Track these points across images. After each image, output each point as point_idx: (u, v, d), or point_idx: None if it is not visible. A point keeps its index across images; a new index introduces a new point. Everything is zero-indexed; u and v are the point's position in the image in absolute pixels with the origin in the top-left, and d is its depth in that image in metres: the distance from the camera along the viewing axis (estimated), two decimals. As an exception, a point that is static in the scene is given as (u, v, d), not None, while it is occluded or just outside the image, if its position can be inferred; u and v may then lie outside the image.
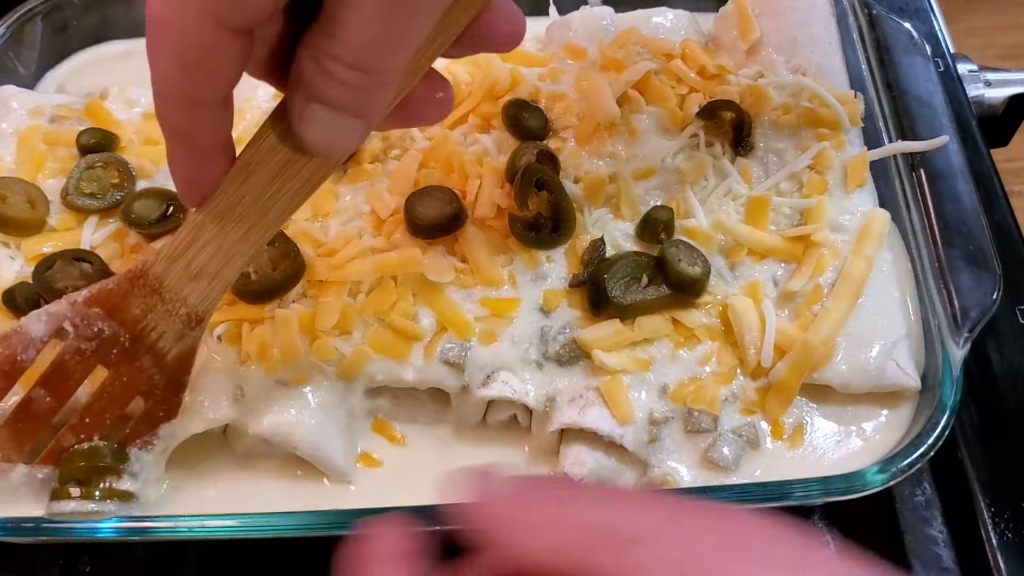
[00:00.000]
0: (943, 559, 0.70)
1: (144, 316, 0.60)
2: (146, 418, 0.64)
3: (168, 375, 0.63)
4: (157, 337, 0.61)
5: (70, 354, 0.61)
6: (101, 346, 0.61)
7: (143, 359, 0.62)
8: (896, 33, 0.85)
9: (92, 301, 0.60)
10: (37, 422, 0.63)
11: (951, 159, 0.76)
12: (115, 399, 0.63)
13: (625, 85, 0.79)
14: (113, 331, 0.60)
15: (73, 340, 0.60)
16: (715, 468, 0.66)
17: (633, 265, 0.69)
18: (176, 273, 0.58)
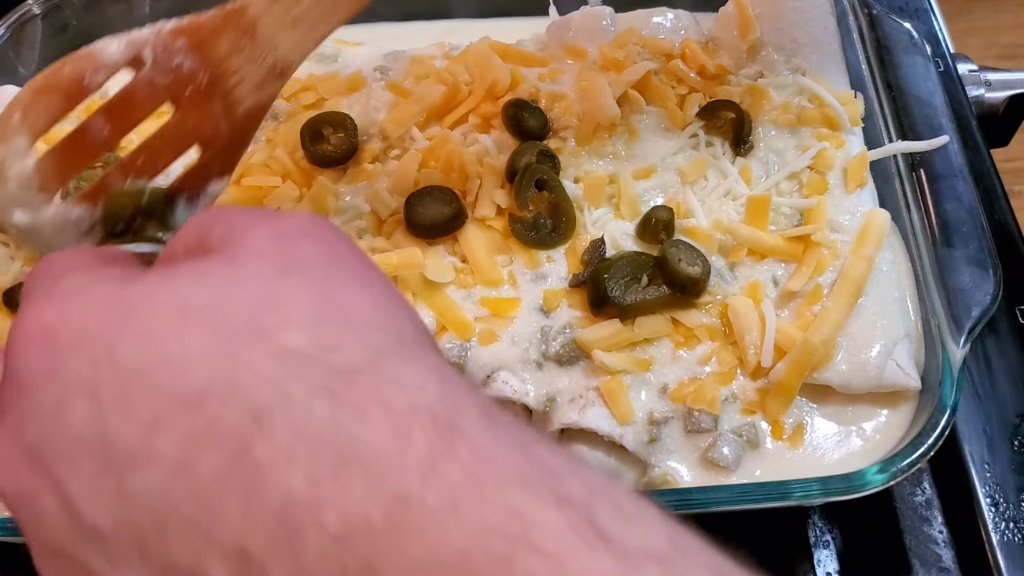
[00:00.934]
0: (943, 559, 0.70)
1: (229, 56, 0.56)
2: (200, 169, 0.60)
3: (235, 128, 0.59)
4: (236, 83, 0.57)
5: (142, 85, 0.56)
6: (176, 82, 0.56)
7: (215, 104, 0.58)
8: (896, 33, 0.85)
9: (179, 32, 0.56)
10: (88, 153, 0.57)
11: (951, 159, 0.76)
12: (175, 142, 0.58)
13: (625, 85, 0.79)
14: (192, 67, 0.56)
15: (148, 70, 0.56)
16: (715, 468, 0.66)
17: (633, 265, 0.69)
18: (275, 16, 0.56)
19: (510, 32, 0.89)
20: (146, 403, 0.32)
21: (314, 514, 0.30)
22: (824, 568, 0.70)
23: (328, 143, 0.77)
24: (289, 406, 0.31)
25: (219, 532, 0.31)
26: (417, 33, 0.94)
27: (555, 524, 0.29)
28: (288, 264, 0.36)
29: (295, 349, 0.33)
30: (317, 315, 0.34)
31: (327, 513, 0.30)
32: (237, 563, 0.30)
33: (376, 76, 0.85)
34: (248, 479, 0.31)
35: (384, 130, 0.79)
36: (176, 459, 0.31)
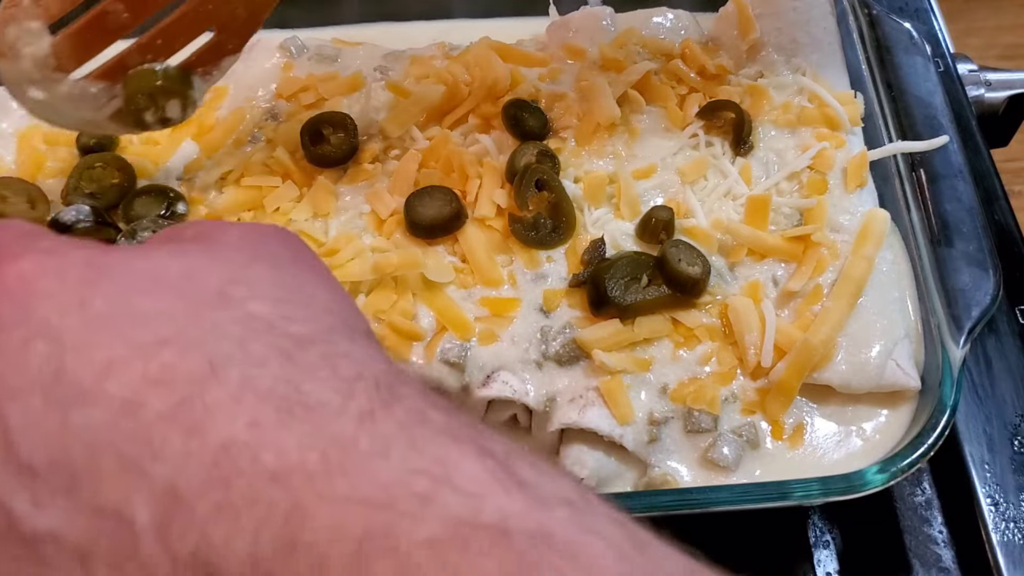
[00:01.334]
0: (943, 559, 0.70)
1: None
2: (215, 48, 0.62)
3: (252, 11, 0.61)
4: None
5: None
6: None
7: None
8: (896, 33, 0.85)
9: None
10: (105, 36, 0.59)
11: (951, 159, 0.76)
12: (193, 25, 0.60)
13: (625, 85, 0.80)
14: None
15: None
16: (715, 468, 0.66)
17: (633, 265, 0.69)
18: None
19: (510, 32, 0.89)
20: (105, 348, 0.34)
21: (253, 453, 0.31)
22: (824, 568, 0.70)
23: (328, 143, 0.77)
24: (245, 359, 0.33)
25: (154, 470, 0.32)
26: (417, 33, 0.94)
27: (476, 470, 0.32)
28: (257, 255, 0.39)
29: (259, 316, 0.36)
30: (280, 294, 0.37)
31: (265, 453, 0.31)
32: (164, 502, 0.31)
33: (376, 76, 0.85)
34: (193, 420, 0.32)
35: (384, 130, 0.79)
36: (125, 399, 0.33)
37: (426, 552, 0.29)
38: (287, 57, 0.87)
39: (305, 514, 0.30)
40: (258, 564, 0.30)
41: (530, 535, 0.30)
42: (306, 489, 0.31)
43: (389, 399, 0.34)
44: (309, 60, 0.87)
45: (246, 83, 0.85)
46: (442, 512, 0.30)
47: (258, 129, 0.82)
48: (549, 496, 0.32)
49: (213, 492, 0.31)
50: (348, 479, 0.31)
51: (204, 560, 0.31)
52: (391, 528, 0.30)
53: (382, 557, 0.29)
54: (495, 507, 0.31)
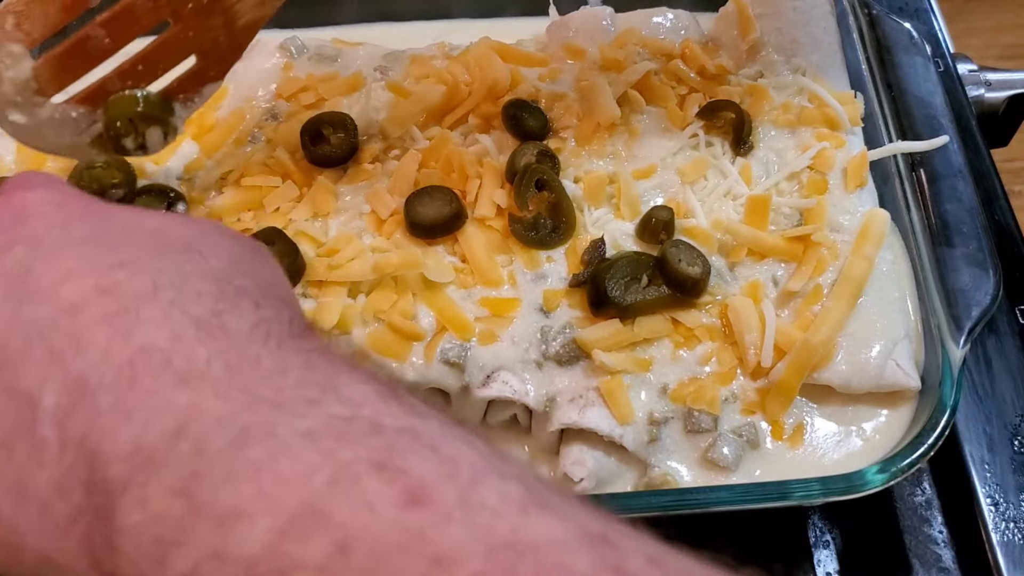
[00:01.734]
0: (943, 559, 0.70)
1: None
2: (196, 75, 0.62)
3: (233, 39, 0.61)
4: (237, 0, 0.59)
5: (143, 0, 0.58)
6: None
7: (215, 19, 0.59)
8: (896, 33, 0.85)
9: None
10: (87, 61, 0.59)
11: (951, 159, 0.76)
12: (174, 52, 0.60)
13: (625, 85, 0.80)
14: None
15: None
16: (715, 468, 0.66)
17: (633, 265, 0.69)
18: None
19: (510, 32, 0.89)
20: (71, 260, 0.39)
21: (166, 358, 0.35)
22: (824, 568, 0.70)
23: (328, 143, 0.77)
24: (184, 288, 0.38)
25: (72, 363, 0.35)
26: (417, 33, 0.94)
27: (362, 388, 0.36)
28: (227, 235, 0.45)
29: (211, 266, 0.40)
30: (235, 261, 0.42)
31: (177, 359, 0.35)
32: (72, 391, 0.35)
33: (376, 76, 0.85)
34: (123, 326, 0.36)
35: (384, 130, 0.79)
36: (72, 301, 0.37)
37: (302, 439, 0.32)
38: (287, 57, 0.87)
39: (198, 410, 0.33)
40: (140, 449, 0.33)
41: (399, 430, 0.33)
42: (205, 391, 0.34)
43: (297, 334, 0.38)
44: (309, 60, 0.87)
45: (246, 83, 0.85)
46: (324, 411, 0.34)
47: (258, 129, 0.82)
48: (422, 411, 0.35)
49: (118, 387, 0.34)
50: (245, 384, 0.34)
51: (89, 446, 0.34)
52: (274, 421, 0.33)
53: (259, 442, 0.32)
54: (372, 409, 0.34)
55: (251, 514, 0.31)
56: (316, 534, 0.30)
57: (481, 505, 0.31)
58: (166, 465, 0.32)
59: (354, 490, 0.31)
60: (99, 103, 0.61)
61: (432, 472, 0.31)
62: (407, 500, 0.30)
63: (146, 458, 0.33)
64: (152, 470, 0.32)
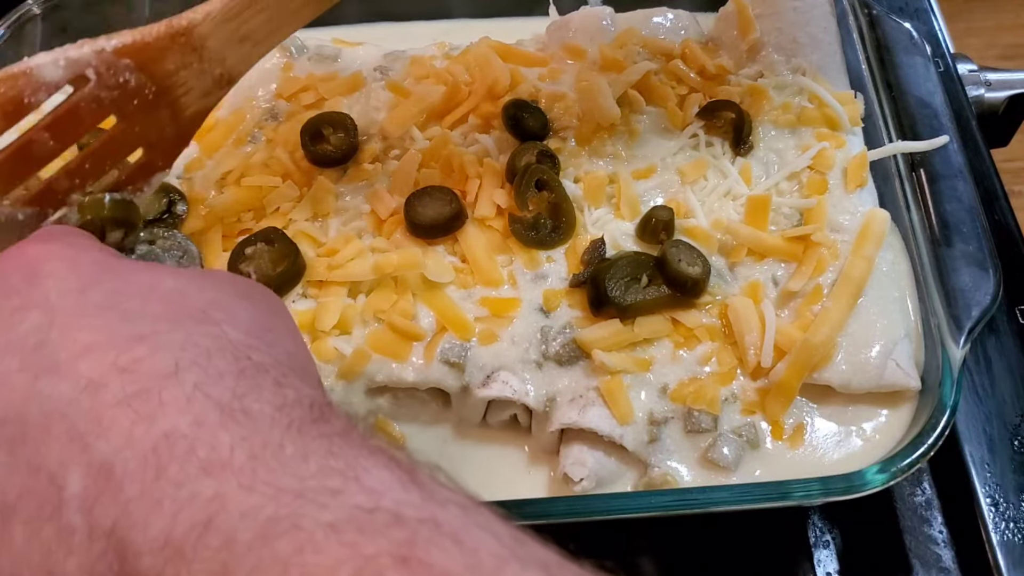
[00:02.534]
0: (943, 559, 0.70)
1: (176, 72, 0.58)
2: (144, 167, 0.62)
3: (180, 130, 0.61)
4: (183, 94, 0.59)
5: (86, 101, 0.57)
6: (122, 96, 0.58)
7: (161, 112, 0.59)
8: (896, 33, 0.85)
9: (124, 51, 0.57)
10: (32, 165, 0.58)
11: (951, 159, 0.76)
12: (121, 148, 0.60)
13: (625, 85, 0.80)
14: (139, 83, 0.57)
15: (93, 87, 0.57)
16: (715, 468, 0.66)
17: (633, 265, 0.69)
18: (223, 35, 0.57)
19: (510, 32, 0.89)
20: (88, 333, 0.38)
21: (190, 445, 0.35)
22: (824, 568, 0.70)
23: (328, 143, 0.77)
24: (206, 368, 0.38)
25: (96, 446, 0.35)
26: (417, 33, 0.94)
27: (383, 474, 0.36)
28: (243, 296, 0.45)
29: (229, 338, 0.40)
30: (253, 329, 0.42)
31: (201, 447, 0.35)
32: (98, 476, 0.35)
33: (376, 76, 0.85)
34: (146, 410, 0.35)
35: (384, 130, 0.79)
36: (91, 379, 0.36)
37: (326, 531, 0.32)
38: (287, 57, 0.87)
39: (224, 501, 0.33)
40: (170, 542, 0.33)
41: (421, 520, 0.33)
42: (230, 481, 0.34)
43: (318, 418, 0.38)
44: (309, 60, 0.87)
45: (246, 83, 0.84)
46: (347, 501, 0.34)
47: (258, 129, 0.82)
48: (443, 497, 0.35)
49: (144, 475, 0.34)
50: (269, 475, 0.34)
51: (120, 536, 0.34)
52: (298, 513, 0.33)
53: (285, 535, 0.32)
54: (393, 499, 0.34)
55: None
56: None
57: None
58: (196, 560, 0.32)
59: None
60: (46, 203, 0.60)
61: (455, 565, 0.32)
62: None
63: (176, 551, 0.33)
64: (183, 564, 0.32)
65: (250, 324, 0.42)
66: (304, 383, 0.40)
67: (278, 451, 0.35)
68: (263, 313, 0.45)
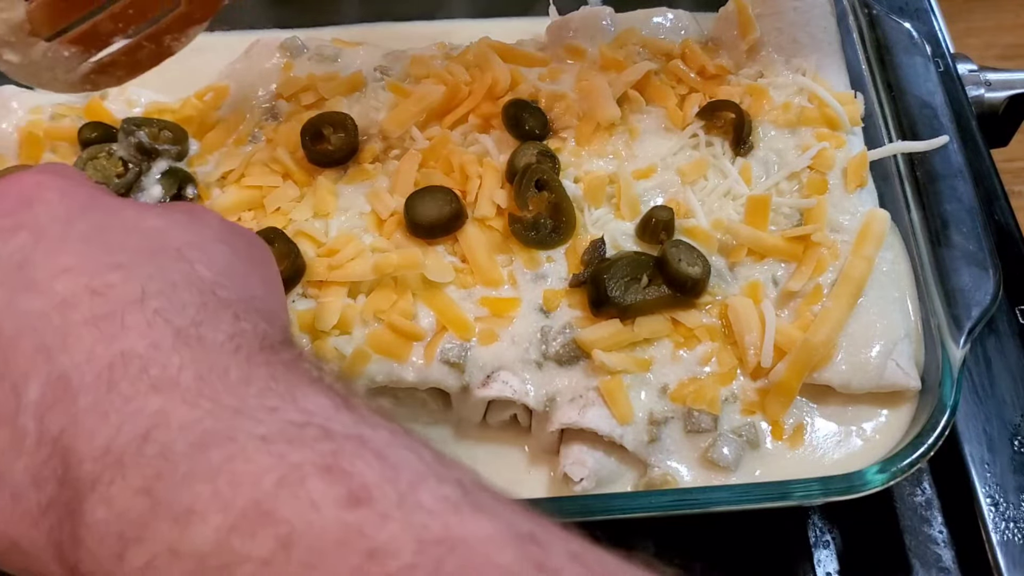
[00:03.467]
0: (943, 559, 0.70)
1: None
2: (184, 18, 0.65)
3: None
4: None
5: None
6: None
7: None
8: (896, 33, 0.85)
9: None
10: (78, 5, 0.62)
11: (951, 159, 0.76)
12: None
13: (625, 85, 0.80)
14: None
15: None
16: (715, 468, 0.66)
17: (633, 265, 0.69)
18: None
19: (510, 32, 0.89)
20: (69, 256, 0.40)
21: (143, 364, 0.37)
22: (824, 568, 0.70)
23: (328, 143, 0.77)
24: (170, 298, 0.40)
25: (59, 359, 0.37)
26: (417, 33, 0.94)
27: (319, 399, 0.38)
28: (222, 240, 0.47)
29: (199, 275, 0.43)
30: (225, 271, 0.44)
31: (153, 367, 0.37)
32: (55, 387, 0.37)
33: (376, 76, 0.85)
34: (109, 330, 0.38)
35: (384, 130, 0.79)
36: (64, 299, 0.39)
37: (257, 443, 0.34)
38: (287, 57, 0.87)
39: (167, 415, 0.35)
40: (111, 450, 0.35)
41: (348, 436, 0.35)
42: (175, 398, 0.36)
43: (266, 347, 0.40)
44: (309, 60, 0.87)
45: (246, 83, 0.85)
46: (279, 417, 0.36)
47: (258, 129, 0.82)
48: (374, 422, 0.37)
49: (97, 388, 0.36)
50: (212, 393, 0.36)
51: (66, 443, 0.36)
52: (234, 427, 0.35)
53: (218, 445, 0.34)
54: (325, 418, 0.36)
55: (204, 512, 0.33)
56: (262, 530, 0.32)
57: (417, 505, 0.33)
58: (133, 466, 0.34)
59: (300, 490, 0.33)
60: (89, 44, 0.63)
61: (375, 475, 0.34)
62: (349, 500, 0.33)
63: (115, 459, 0.35)
64: (120, 470, 0.34)
65: (223, 266, 0.45)
66: (264, 321, 0.43)
67: (223, 374, 0.37)
68: (241, 259, 0.47)
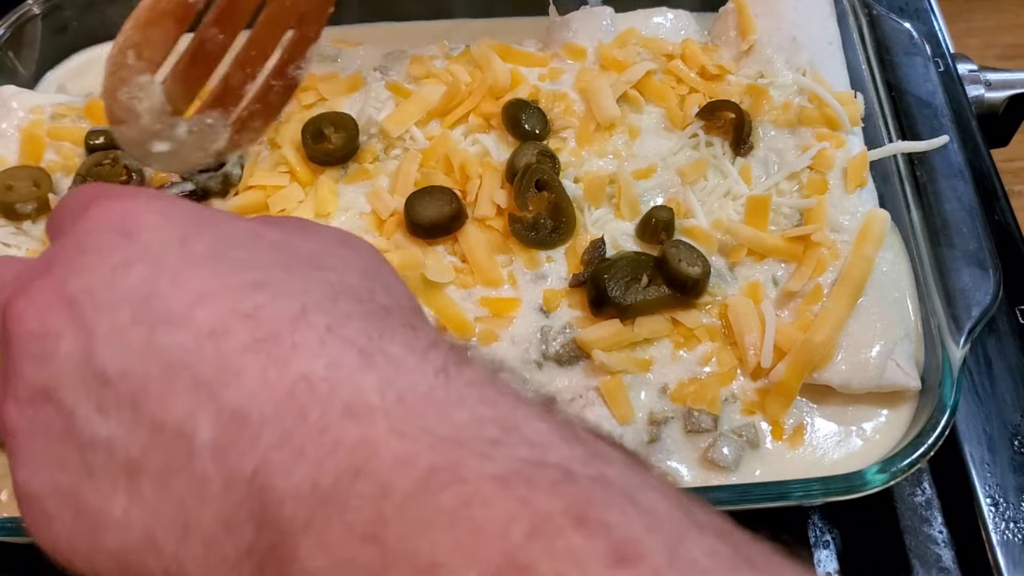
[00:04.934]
0: (943, 559, 0.70)
1: None
2: (301, 41, 0.64)
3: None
4: None
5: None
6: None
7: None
8: (896, 33, 0.85)
9: None
10: (209, 63, 0.61)
11: (951, 159, 0.76)
12: (277, 27, 0.62)
13: (625, 85, 0.80)
14: None
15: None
16: (715, 468, 0.66)
17: (633, 265, 0.69)
18: None
19: (510, 32, 0.89)
20: (200, 281, 0.35)
21: (331, 388, 0.32)
22: (824, 568, 0.70)
23: (329, 142, 0.77)
24: (334, 310, 0.35)
25: (225, 394, 0.33)
26: (417, 33, 0.94)
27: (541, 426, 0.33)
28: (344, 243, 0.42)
29: (347, 282, 0.37)
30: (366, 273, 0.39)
31: (343, 389, 0.32)
32: (230, 424, 0.32)
33: (376, 76, 0.85)
34: (277, 353, 0.33)
35: (384, 130, 0.79)
36: (212, 327, 0.34)
37: (493, 484, 0.29)
38: (287, 57, 0.86)
39: (374, 447, 0.31)
40: (317, 488, 0.30)
41: (592, 478, 0.30)
42: (379, 425, 0.31)
43: (460, 363, 0.35)
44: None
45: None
46: (510, 453, 0.31)
47: (258, 129, 0.82)
48: (607, 453, 0.32)
49: (283, 420, 0.32)
50: (421, 420, 0.31)
51: (261, 483, 0.31)
52: (459, 463, 0.30)
53: (448, 486, 0.29)
54: (559, 455, 0.31)
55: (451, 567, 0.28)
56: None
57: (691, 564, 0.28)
58: (348, 508, 0.30)
59: (558, 544, 0.28)
60: (227, 102, 0.62)
61: (635, 527, 0.29)
62: (616, 558, 0.28)
63: (323, 498, 0.30)
64: (334, 511, 0.30)
65: (363, 268, 0.39)
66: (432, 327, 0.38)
67: (426, 395, 0.32)
68: (370, 258, 0.42)
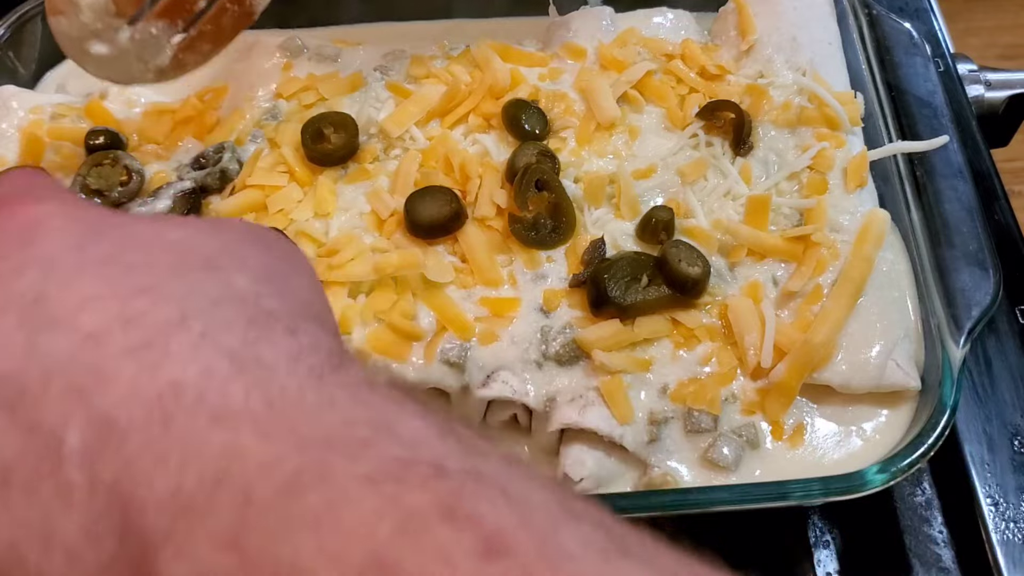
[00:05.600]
0: (943, 559, 0.70)
1: None
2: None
3: None
4: None
5: None
6: None
7: None
8: (896, 33, 0.85)
9: None
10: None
11: (951, 159, 0.76)
12: None
13: (625, 85, 0.80)
14: None
15: None
16: (715, 468, 0.66)
17: (633, 265, 0.69)
18: None
19: (510, 32, 0.89)
20: (88, 286, 0.35)
21: (199, 394, 0.32)
22: (824, 568, 0.70)
23: (329, 142, 0.77)
24: (213, 317, 0.35)
25: (97, 400, 0.32)
26: (417, 33, 0.94)
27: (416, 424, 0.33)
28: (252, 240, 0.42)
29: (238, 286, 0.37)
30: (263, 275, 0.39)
31: (211, 395, 0.32)
32: (99, 430, 0.32)
33: (376, 76, 0.85)
34: (150, 359, 0.33)
35: (384, 130, 0.79)
36: (91, 332, 0.34)
37: (360, 484, 0.29)
38: (287, 57, 0.87)
39: (239, 453, 0.30)
40: (178, 496, 0.30)
41: (465, 472, 0.30)
42: (244, 431, 0.31)
43: (338, 365, 0.35)
44: (309, 60, 0.87)
45: (246, 83, 0.85)
46: (381, 452, 0.30)
47: (258, 129, 0.82)
48: (483, 449, 0.33)
49: (148, 427, 0.32)
50: (289, 423, 0.31)
51: (122, 490, 0.31)
52: (327, 465, 0.30)
53: (314, 488, 0.29)
54: (431, 451, 0.31)
55: (313, 570, 0.28)
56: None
57: (563, 552, 0.29)
58: (210, 514, 0.30)
59: (425, 539, 0.28)
60: (175, 14, 0.60)
61: (505, 518, 0.29)
62: (485, 550, 0.28)
63: (185, 506, 0.30)
64: (195, 519, 0.30)
65: (260, 270, 0.39)
66: (321, 330, 0.38)
67: (296, 400, 0.32)
68: (276, 259, 0.42)
